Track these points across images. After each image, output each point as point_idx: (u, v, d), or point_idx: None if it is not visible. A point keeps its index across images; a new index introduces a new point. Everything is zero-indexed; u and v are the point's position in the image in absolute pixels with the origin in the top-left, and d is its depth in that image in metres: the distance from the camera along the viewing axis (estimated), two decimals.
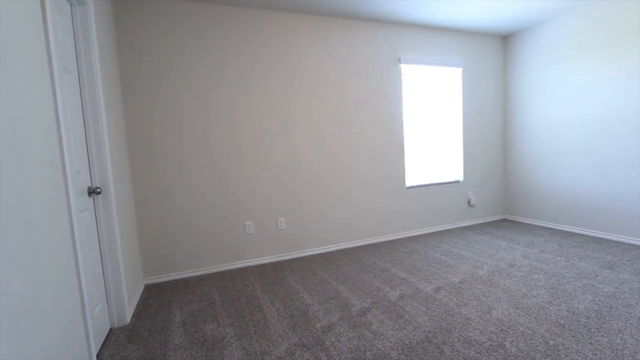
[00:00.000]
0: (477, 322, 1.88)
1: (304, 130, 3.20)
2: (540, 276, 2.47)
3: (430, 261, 2.91)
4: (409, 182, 3.78)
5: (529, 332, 1.76)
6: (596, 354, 1.56)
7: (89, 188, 1.83)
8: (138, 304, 2.37)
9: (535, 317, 1.90)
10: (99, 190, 1.86)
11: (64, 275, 1.33)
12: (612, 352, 1.56)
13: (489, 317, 1.94)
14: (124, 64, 2.60)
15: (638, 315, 1.87)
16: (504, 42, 4.17)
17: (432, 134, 3.90)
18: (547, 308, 2.00)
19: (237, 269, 3.01)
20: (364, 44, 3.38)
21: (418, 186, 3.80)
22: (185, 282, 2.76)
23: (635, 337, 1.67)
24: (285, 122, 3.13)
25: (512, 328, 1.81)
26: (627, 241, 3.12)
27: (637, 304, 2.00)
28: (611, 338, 1.67)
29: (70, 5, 1.79)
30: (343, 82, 3.32)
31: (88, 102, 1.87)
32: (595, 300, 2.06)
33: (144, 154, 2.70)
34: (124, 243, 2.19)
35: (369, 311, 2.08)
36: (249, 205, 3.05)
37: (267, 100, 3.04)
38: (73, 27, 1.81)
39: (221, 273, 2.92)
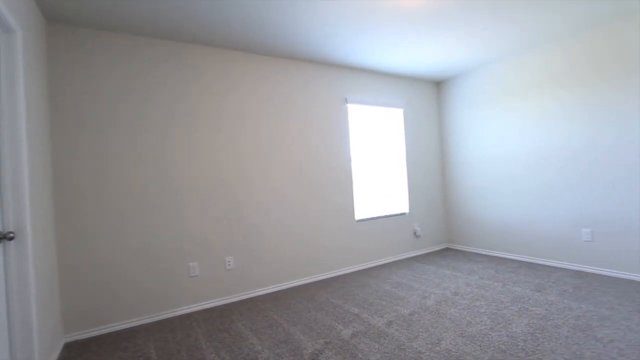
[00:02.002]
0: (427, 355, 1.90)
1: (252, 166, 3.17)
2: (482, 303, 2.61)
3: (381, 294, 2.93)
4: (359, 215, 3.87)
5: None
6: None
7: None
8: None
9: (480, 345, 1.98)
10: (11, 235, 1.62)
11: None
12: None
13: (438, 348, 1.97)
14: (56, 98, 2.40)
15: (565, 335, 2.03)
16: (437, 87, 4.66)
17: (379, 169, 4.10)
18: (489, 334, 2.10)
19: (179, 316, 2.74)
20: (314, 84, 3.55)
21: (367, 219, 3.91)
22: (116, 336, 2.43)
23: (565, 355, 1.81)
24: (233, 159, 3.08)
25: (460, 358, 1.85)
26: (551, 264, 3.46)
27: (563, 324, 2.18)
28: (545, 359, 1.79)
29: None
30: (293, 119, 3.41)
31: (6, 141, 1.67)
32: (529, 324, 2.21)
33: (72, 196, 2.43)
34: (40, 295, 1.89)
35: (322, 353, 2.00)
36: (194, 245, 2.86)
37: (214, 137, 2.99)
38: None
39: (160, 323, 2.63)
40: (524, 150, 3.67)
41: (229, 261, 3.00)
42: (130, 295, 2.60)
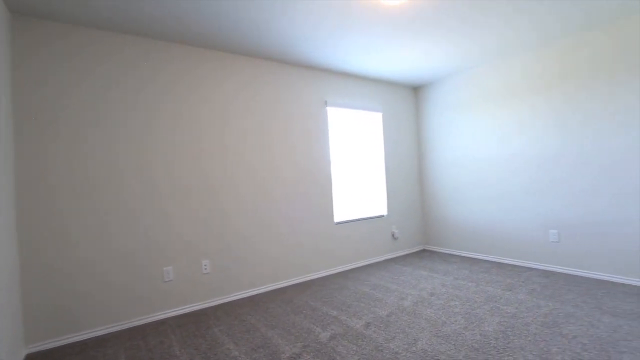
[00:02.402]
0: (404, 356, 1.93)
1: (232, 168, 3.12)
2: (456, 302, 2.68)
3: (359, 296, 2.95)
4: (338, 217, 3.89)
5: None
6: None
7: None
8: None
9: (454, 344, 2.03)
10: None
11: None
12: None
13: (414, 348, 2.00)
14: (22, 95, 2.27)
15: (533, 332, 2.12)
16: (415, 92, 4.77)
17: (358, 172, 4.14)
18: (463, 334, 2.16)
19: (153, 322, 2.64)
20: (295, 86, 3.54)
21: (346, 222, 3.93)
22: (84, 345, 2.32)
23: (533, 352, 1.88)
24: (213, 161, 3.02)
25: (435, 357, 1.89)
26: (521, 264, 3.61)
27: (532, 321, 2.28)
28: (515, 356, 1.86)
29: None
30: (274, 121, 3.39)
31: None
32: (501, 322, 2.29)
33: (41, 195, 2.31)
34: None
35: (300, 357, 1.98)
36: (169, 248, 2.78)
37: (195, 139, 2.92)
38: None
39: (132, 330, 2.53)
40: (497, 155, 3.81)
41: (205, 265, 2.94)
42: (100, 301, 2.48)
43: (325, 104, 3.78)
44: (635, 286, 2.80)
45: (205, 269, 2.94)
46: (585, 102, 3.08)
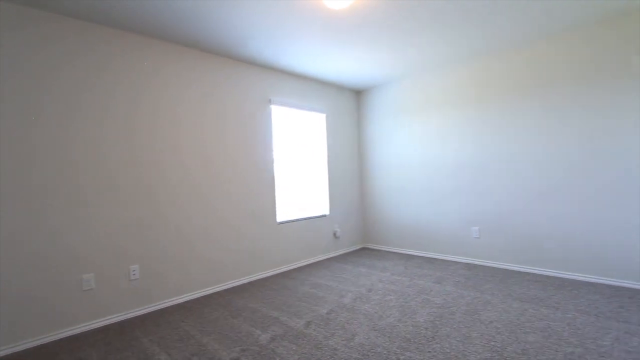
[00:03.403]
0: (342, 351, 1.97)
1: (168, 166, 2.91)
2: (392, 297, 2.83)
3: (301, 296, 2.96)
4: (280, 217, 3.85)
5: (384, 352, 1.94)
6: None
7: None
8: None
9: (389, 336, 2.13)
10: None
11: None
12: (444, 356, 1.87)
13: (352, 343, 2.06)
14: None
15: (458, 320, 2.33)
16: (357, 95, 4.94)
17: (302, 172, 4.15)
18: (397, 326, 2.28)
19: (67, 337, 2.34)
20: (239, 83, 3.42)
21: (289, 221, 3.91)
22: None
23: (457, 339, 2.06)
24: (148, 158, 2.78)
25: (372, 350, 1.97)
26: (449, 259, 3.95)
27: (457, 310, 2.50)
28: (442, 344, 2.02)
29: None
30: (215, 118, 3.23)
31: None
32: (430, 313, 2.47)
33: None
34: None
35: None
36: (90, 253, 2.48)
37: (125, 134, 2.65)
38: None
39: (39, 349, 2.21)
40: (427, 158, 4.12)
41: (134, 270, 2.68)
42: (4, 315, 2.12)
43: (270, 102, 3.73)
44: (539, 274, 3.24)
45: (134, 274, 2.69)
46: (495, 114, 3.48)
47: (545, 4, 2.53)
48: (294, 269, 3.85)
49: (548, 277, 3.16)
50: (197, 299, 3.00)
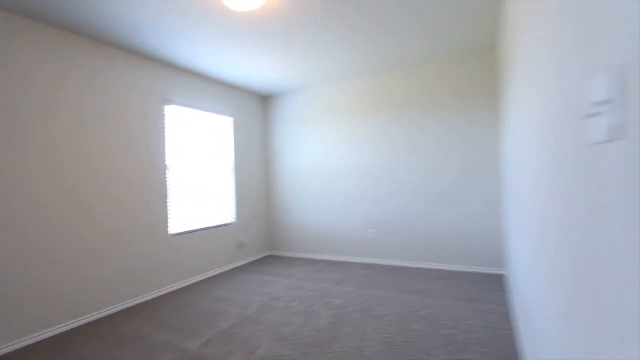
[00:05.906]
0: None
1: (35, 171, 2.35)
2: (297, 303, 2.85)
3: (201, 312, 2.74)
4: (177, 229, 3.52)
5: None
6: None
7: None
8: None
9: (293, 344, 2.14)
10: None
11: None
12: (343, 355, 1.96)
13: (254, 357, 1.99)
14: None
15: (357, 318, 2.48)
16: (266, 101, 4.90)
17: (205, 179, 3.87)
18: (301, 332, 2.30)
19: None
20: (127, 78, 3.00)
21: (186, 233, 3.60)
22: None
23: (355, 336, 2.19)
24: (13, 159, 2.19)
25: None
26: (350, 260, 4.21)
27: (355, 309, 2.66)
28: (342, 343, 2.11)
29: None
30: (97, 115, 2.76)
31: None
32: (332, 314, 2.58)
33: None
34: None
35: None
36: None
37: None
38: None
39: None
40: (330, 165, 4.34)
41: None
42: None
43: (165, 102, 3.39)
44: (424, 268, 3.71)
45: None
46: (386, 124, 3.91)
47: (416, 39, 2.96)
48: (196, 283, 3.56)
49: (430, 270, 3.65)
50: (74, 330, 2.49)
